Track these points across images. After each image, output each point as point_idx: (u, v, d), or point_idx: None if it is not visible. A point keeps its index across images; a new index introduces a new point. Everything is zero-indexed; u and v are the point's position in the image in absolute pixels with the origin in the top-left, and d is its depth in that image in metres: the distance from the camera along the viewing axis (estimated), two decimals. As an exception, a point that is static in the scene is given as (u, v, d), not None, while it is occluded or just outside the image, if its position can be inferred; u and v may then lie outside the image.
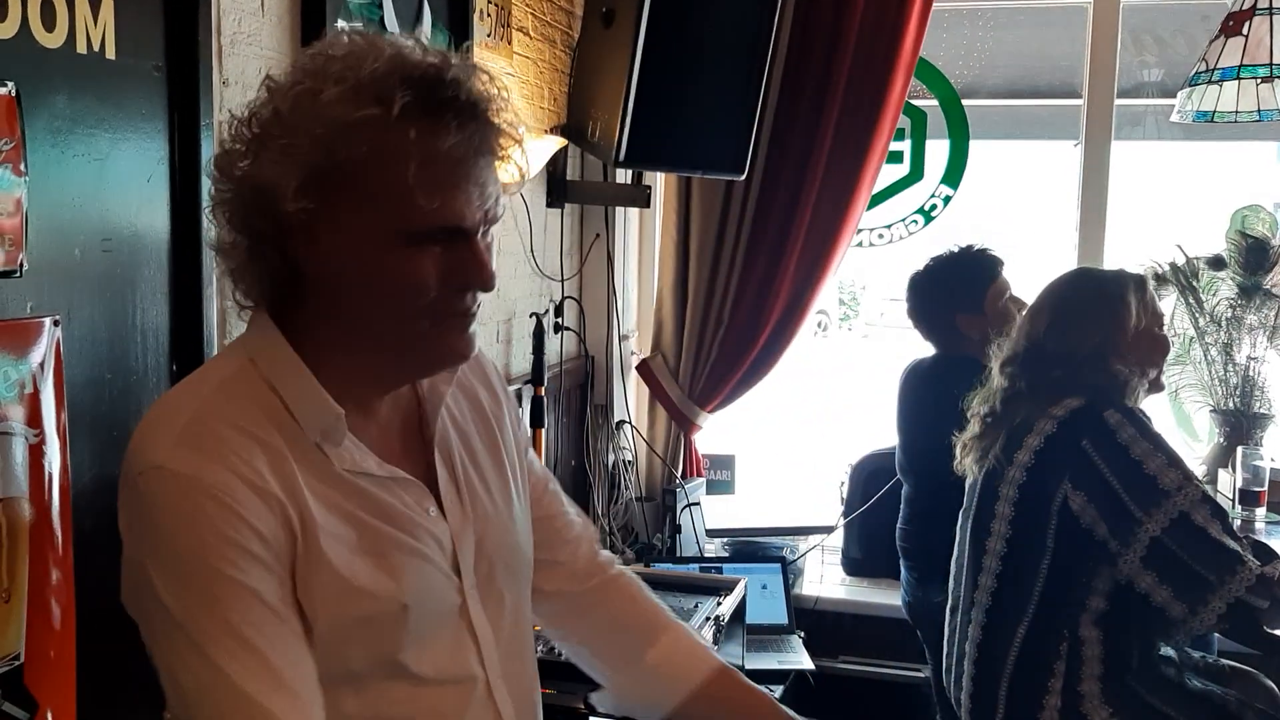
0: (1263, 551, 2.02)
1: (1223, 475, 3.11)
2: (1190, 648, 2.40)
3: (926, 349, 2.97)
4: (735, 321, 3.41)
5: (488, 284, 1.10)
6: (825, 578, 3.52)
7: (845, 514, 3.50)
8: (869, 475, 3.46)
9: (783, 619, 3.32)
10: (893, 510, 3.12)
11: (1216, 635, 2.73)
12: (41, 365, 1.59)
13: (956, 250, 2.91)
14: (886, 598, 3.29)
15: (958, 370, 2.83)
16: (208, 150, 1.88)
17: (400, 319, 1.09)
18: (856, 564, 3.53)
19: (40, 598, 1.60)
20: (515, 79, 3.06)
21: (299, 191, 1.03)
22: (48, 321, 1.61)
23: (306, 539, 1.06)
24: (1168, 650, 2.23)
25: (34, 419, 1.58)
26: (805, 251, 3.36)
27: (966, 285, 2.84)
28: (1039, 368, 2.13)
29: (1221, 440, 3.20)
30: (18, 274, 1.57)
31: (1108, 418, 2.01)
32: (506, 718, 1.19)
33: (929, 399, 2.89)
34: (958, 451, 2.25)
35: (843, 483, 3.56)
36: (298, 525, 1.06)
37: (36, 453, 1.59)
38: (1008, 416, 2.15)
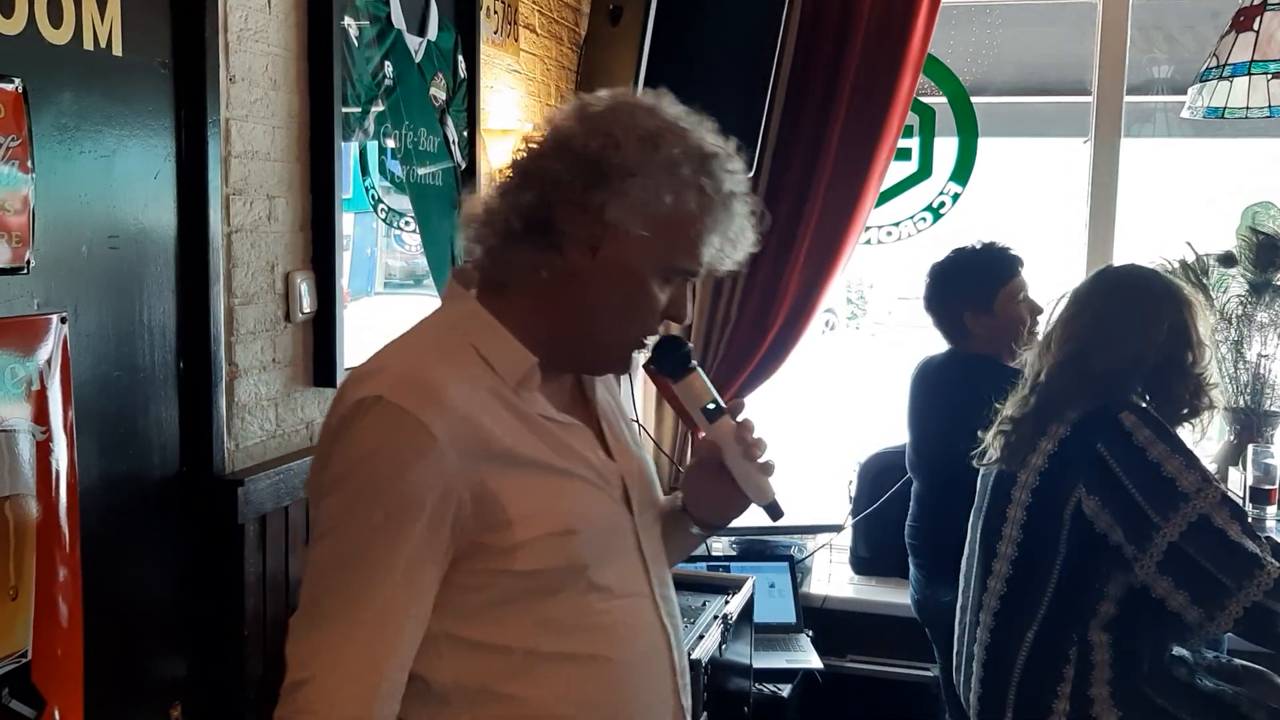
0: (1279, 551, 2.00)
1: (1233, 473, 3.09)
2: (1203, 646, 2.39)
3: (934, 347, 2.96)
4: (742, 320, 3.40)
5: (687, 319, 1.36)
6: (833, 576, 3.51)
7: (854, 512, 3.49)
8: (877, 473, 3.45)
9: (791, 618, 3.31)
10: (901, 509, 3.10)
11: (1229, 634, 2.72)
12: (49, 362, 1.59)
13: (978, 246, 2.89)
14: (895, 596, 3.28)
15: (969, 368, 2.82)
16: (214, 147, 1.88)
17: (622, 331, 1.30)
18: (865, 563, 3.51)
19: (47, 595, 1.59)
20: (522, 76, 3.06)
21: (625, 217, 1.22)
22: (55, 319, 1.61)
23: (505, 471, 1.21)
24: (1179, 650, 2.21)
25: (41, 416, 1.58)
26: (813, 249, 3.35)
27: (979, 283, 2.82)
28: (1078, 374, 2.08)
29: (1232, 438, 3.18)
30: (25, 271, 1.57)
31: (1123, 419, 1.97)
32: (669, 630, 1.36)
33: (940, 396, 2.88)
34: (987, 446, 2.20)
35: (851, 481, 3.55)
36: (497, 459, 1.21)
37: (44, 450, 1.59)
38: (1031, 418, 2.11)
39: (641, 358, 1.39)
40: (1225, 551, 1.89)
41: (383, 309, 2.54)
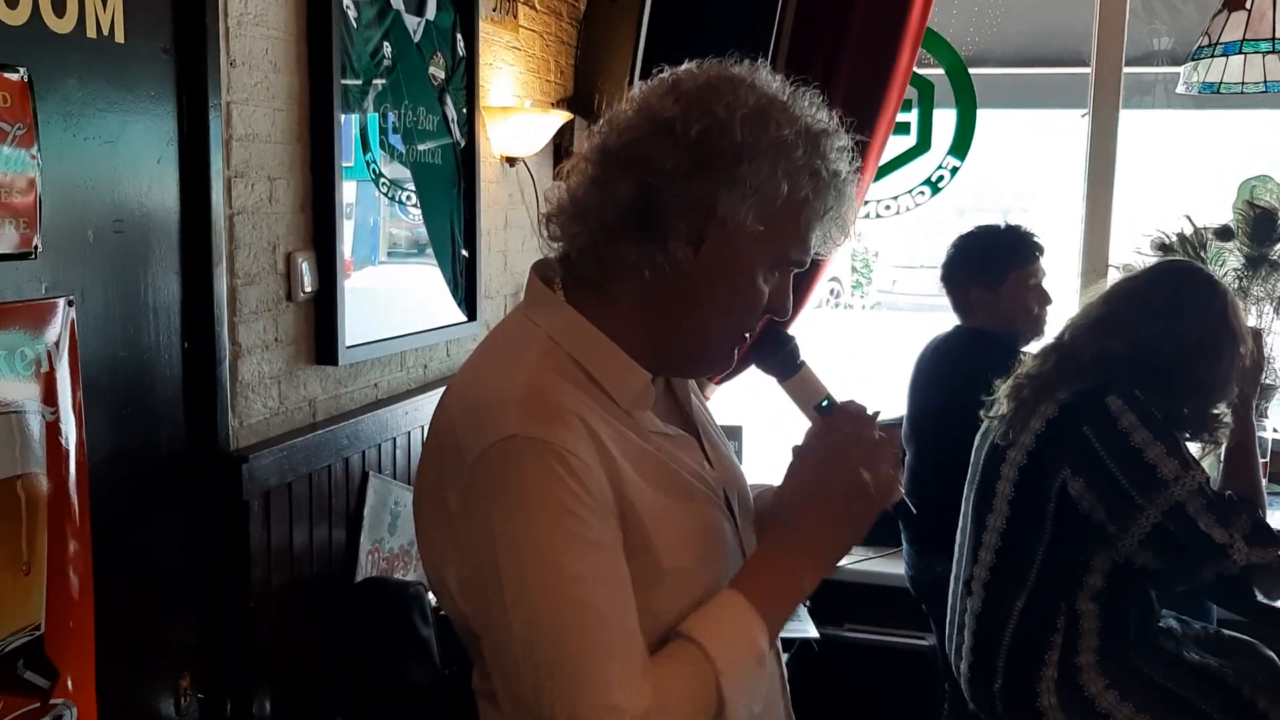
0: (1262, 533, 2.02)
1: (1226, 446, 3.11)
2: (1190, 617, 2.43)
3: (936, 318, 2.98)
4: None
5: (789, 313, 1.23)
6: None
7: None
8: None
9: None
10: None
11: (1215, 606, 2.76)
12: (57, 344, 1.63)
13: (1002, 227, 2.90)
14: (892, 567, 3.32)
15: (971, 344, 2.84)
16: (216, 131, 1.91)
17: (726, 330, 1.19)
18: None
19: (59, 570, 1.64)
20: (521, 53, 3.07)
21: (736, 207, 1.11)
22: (62, 302, 1.65)
23: (627, 494, 1.12)
24: (1168, 621, 2.25)
25: (50, 397, 1.62)
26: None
27: (991, 261, 2.83)
28: (1114, 345, 2.08)
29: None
30: (33, 255, 1.60)
31: (1109, 404, 2.01)
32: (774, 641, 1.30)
33: (940, 369, 2.90)
34: (999, 400, 2.23)
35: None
36: (620, 481, 1.12)
37: (53, 430, 1.63)
38: (1045, 378, 2.13)
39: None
40: (1198, 539, 1.96)
41: (387, 278, 2.56)
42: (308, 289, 2.18)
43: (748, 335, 1.21)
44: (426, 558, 1.18)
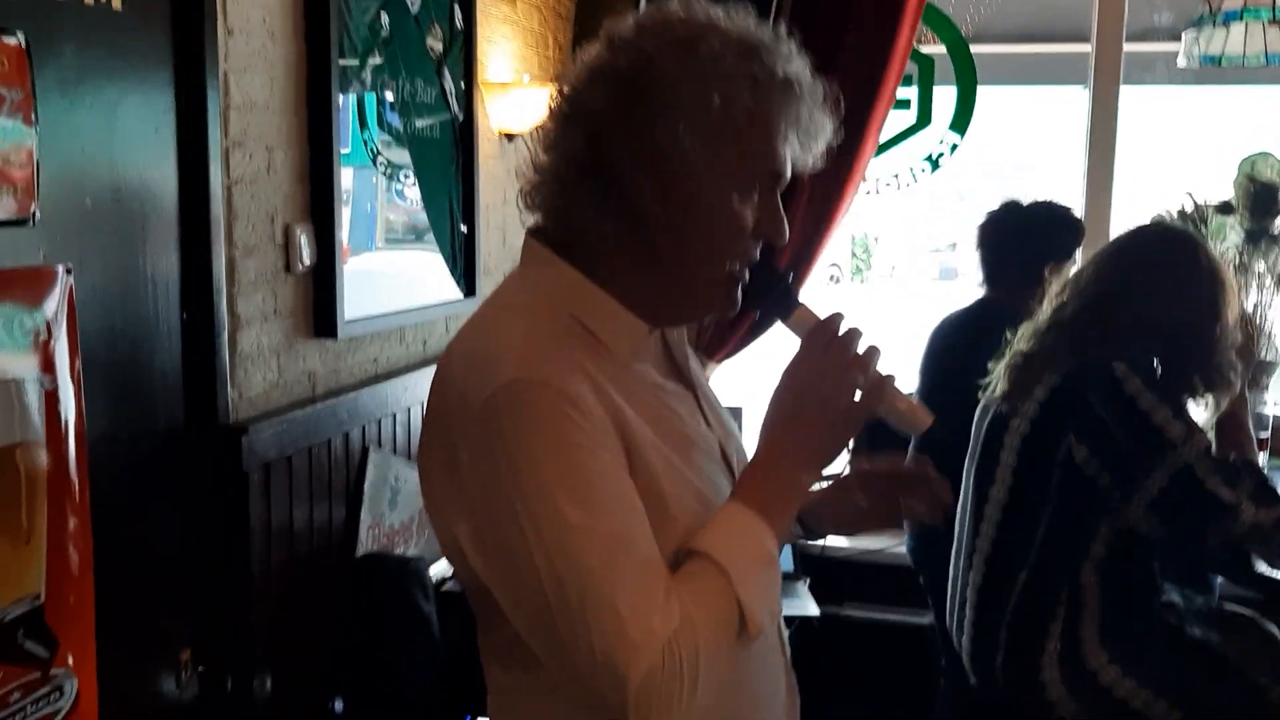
0: (1268, 492, 2.03)
1: (1228, 421, 3.11)
2: (1192, 591, 2.43)
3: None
4: (742, 271, 3.40)
5: (785, 237, 1.19)
6: (832, 525, 3.54)
7: (851, 460, 3.51)
8: (876, 423, 3.46)
9: (789, 565, 3.35)
10: (899, 454, 3.12)
11: (1219, 580, 2.76)
12: (55, 313, 1.62)
13: (1058, 205, 2.89)
14: (893, 544, 3.32)
15: (990, 319, 2.82)
16: (213, 99, 1.90)
17: (713, 266, 1.16)
18: (863, 511, 3.55)
19: (59, 540, 1.63)
20: (519, 26, 3.05)
21: (677, 133, 1.10)
22: (60, 269, 1.63)
23: (632, 438, 1.13)
24: (1170, 595, 2.24)
25: (48, 366, 1.61)
26: (812, 200, 3.34)
27: (1049, 240, 2.80)
28: (1107, 315, 2.08)
29: (1228, 388, 3.20)
30: (30, 223, 1.59)
31: (1115, 369, 1.99)
32: None
33: (956, 346, 2.87)
34: (996, 379, 2.22)
35: (850, 431, 3.58)
36: (624, 424, 1.12)
37: (51, 399, 1.62)
38: (1044, 354, 2.13)
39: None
40: (1207, 501, 1.94)
41: (384, 264, 2.55)
42: (306, 261, 2.17)
43: (745, 272, 1.19)
44: (437, 518, 1.18)
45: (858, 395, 1.17)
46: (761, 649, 1.29)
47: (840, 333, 1.17)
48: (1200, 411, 2.12)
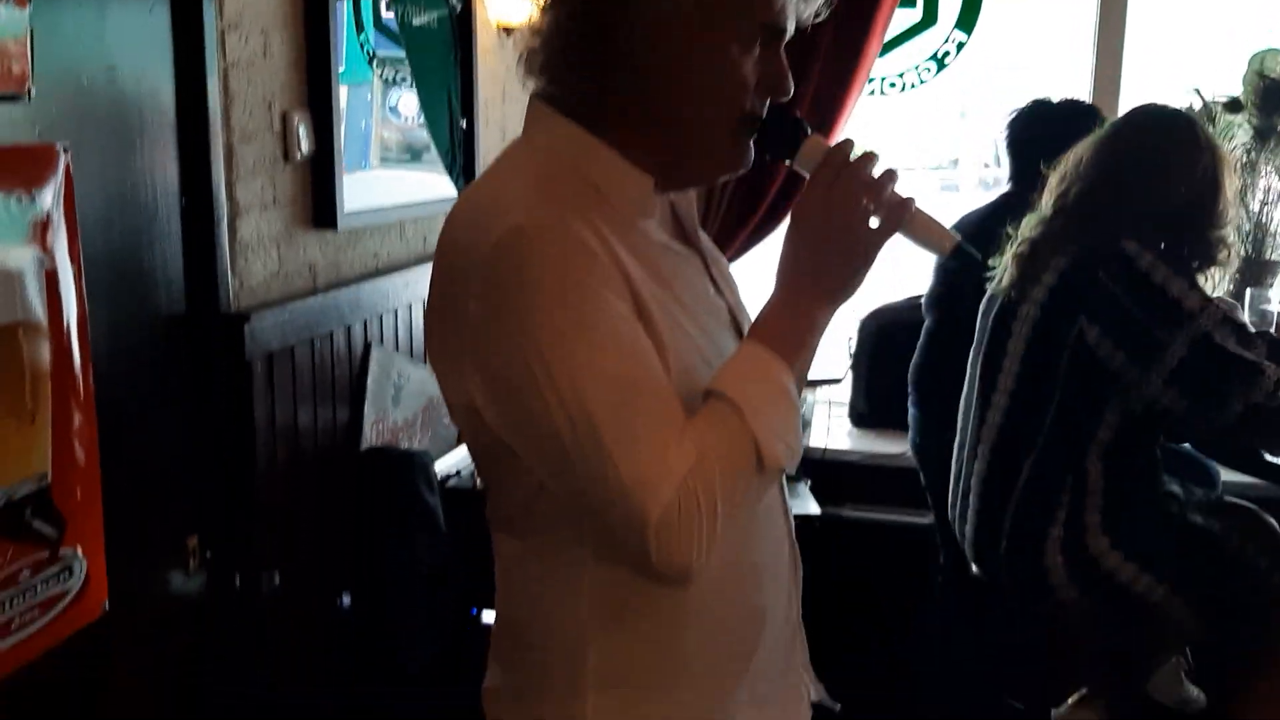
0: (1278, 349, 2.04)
1: (1231, 321, 3.10)
2: (1194, 484, 2.44)
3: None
4: (744, 175, 3.37)
5: (790, 91, 1.17)
6: (832, 429, 3.55)
7: (853, 367, 3.52)
8: (878, 329, 3.47)
9: (790, 514, 3.35)
10: (902, 363, 3.13)
11: (1222, 477, 2.77)
12: (52, 190, 1.59)
13: (1088, 105, 2.85)
14: (893, 447, 3.33)
15: (1013, 215, 2.80)
16: (207, -22, 1.85)
17: (714, 118, 1.15)
18: (863, 417, 3.55)
19: (64, 421, 1.63)
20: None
21: None
22: (58, 147, 1.61)
23: (639, 292, 1.12)
24: (1171, 487, 2.26)
25: (47, 244, 1.59)
26: (816, 102, 3.29)
27: (1069, 144, 2.76)
28: (1107, 200, 2.07)
29: (1230, 288, 3.19)
30: (26, 99, 1.56)
31: (1125, 247, 1.98)
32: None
33: (976, 241, 2.83)
34: (1002, 270, 2.21)
35: (850, 338, 3.57)
36: (630, 278, 1.11)
37: (51, 279, 1.60)
38: (1049, 241, 2.11)
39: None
40: (1229, 364, 1.93)
41: (379, 184, 2.50)
42: (304, 149, 2.13)
43: (754, 128, 1.17)
44: (448, 380, 1.16)
45: (875, 222, 1.14)
46: (765, 513, 1.30)
47: (852, 159, 1.14)
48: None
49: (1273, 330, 2.93)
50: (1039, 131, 2.81)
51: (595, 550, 1.19)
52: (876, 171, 1.14)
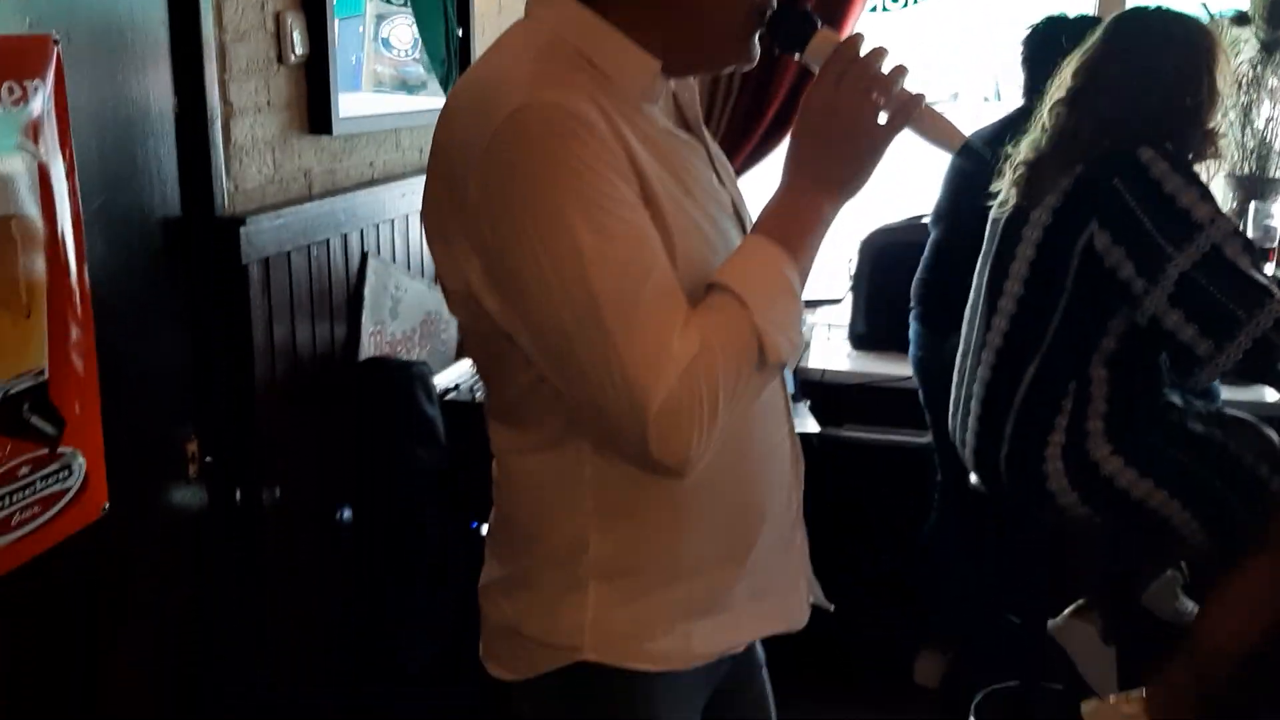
0: None
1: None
2: (1194, 396, 2.44)
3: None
4: (744, 91, 3.33)
5: None
6: (832, 351, 3.55)
7: (854, 288, 3.50)
8: (878, 250, 3.44)
9: (790, 388, 3.35)
10: (902, 284, 3.11)
11: (1221, 390, 2.77)
12: (43, 82, 1.56)
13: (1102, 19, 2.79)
14: (892, 369, 3.32)
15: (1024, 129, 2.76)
16: None
17: (724, 4, 1.14)
18: (863, 339, 3.54)
19: (60, 317, 1.61)
20: None
21: None
22: (48, 38, 1.58)
23: (645, 175, 1.10)
24: (1172, 397, 2.25)
25: (39, 138, 1.57)
26: (823, 3, 3.23)
27: None
28: (1102, 111, 2.05)
29: (1234, 205, 3.17)
30: (14, -10, 1.53)
31: (1140, 154, 1.96)
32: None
33: (991, 156, 2.79)
34: (1005, 194, 2.19)
35: (851, 259, 3.55)
36: (636, 161, 1.10)
37: (44, 173, 1.58)
38: (1049, 157, 2.09)
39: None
40: (1236, 282, 1.89)
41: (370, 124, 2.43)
42: (299, 52, 2.10)
43: (763, 17, 1.16)
44: (446, 265, 1.15)
45: (884, 117, 1.13)
46: (766, 409, 1.29)
47: (862, 53, 1.13)
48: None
49: (1275, 244, 2.92)
50: (1054, 46, 2.77)
51: (594, 443, 1.18)
52: (886, 67, 1.13)
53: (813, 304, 3.61)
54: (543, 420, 1.20)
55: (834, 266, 3.66)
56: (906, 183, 2.97)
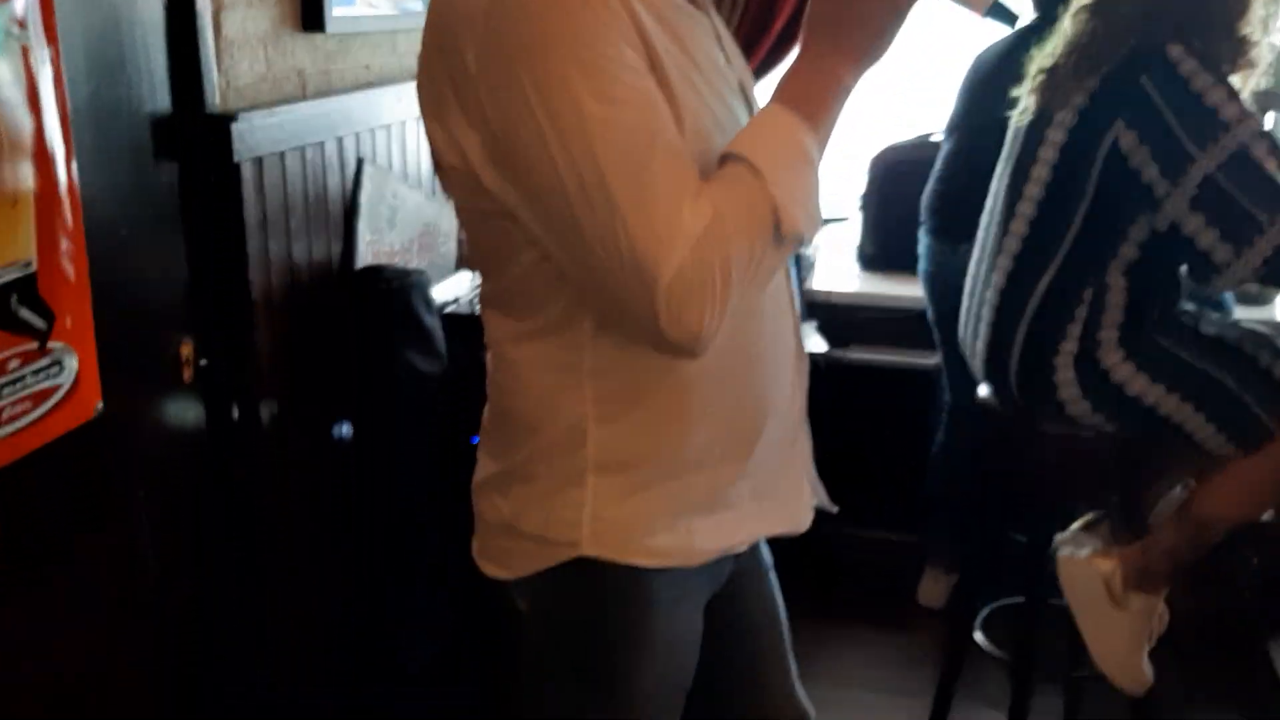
0: None
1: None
2: (1208, 308, 2.40)
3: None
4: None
5: None
6: (839, 272, 3.50)
7: (863, 207, 3.45)
8: (886, 169, 3.39)
9: (796, 308, 3.32)
10: (911, 203, 3.07)
11: (1235, 305, 2.72)
12: (23, -40, 1.51)
13: None
14: (901, 290, 3.28)
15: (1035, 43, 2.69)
16: None
17: None
18: (871, 260, 3.50)
19: (48, 209, 1.57)
20: None
21: None
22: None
23: (652, 45, 1.07)
24: (1186, 306, 2.21)
25: (21, 22, 1.51)
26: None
27: None
28: (1126, 14, 1.99)
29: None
30: None
31: (1169, 50, 1.90)
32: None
33: (1005, 72, 2.73)
34: (1026, 103, 2.13)
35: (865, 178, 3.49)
36: (644, 30, 1.07)
37: (25, 55, 1.53)
38: (1070, 62, 2.03)
39: None
40: (1260, 185, 1.84)
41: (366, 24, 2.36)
42: (290, -57, 2.03)
43: None
44: (443, 142, 1.11)
45: None
46: (771, 302, 1.25)
47: None
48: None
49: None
50: None
51: (599, 324, 1.14)
52: None
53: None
54: (542, 305, 1.17)
55: (840, 185, 3.60)
56: (913, 102, 2.92)
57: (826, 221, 3.53)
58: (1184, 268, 2.09)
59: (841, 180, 3.63)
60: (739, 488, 1.26)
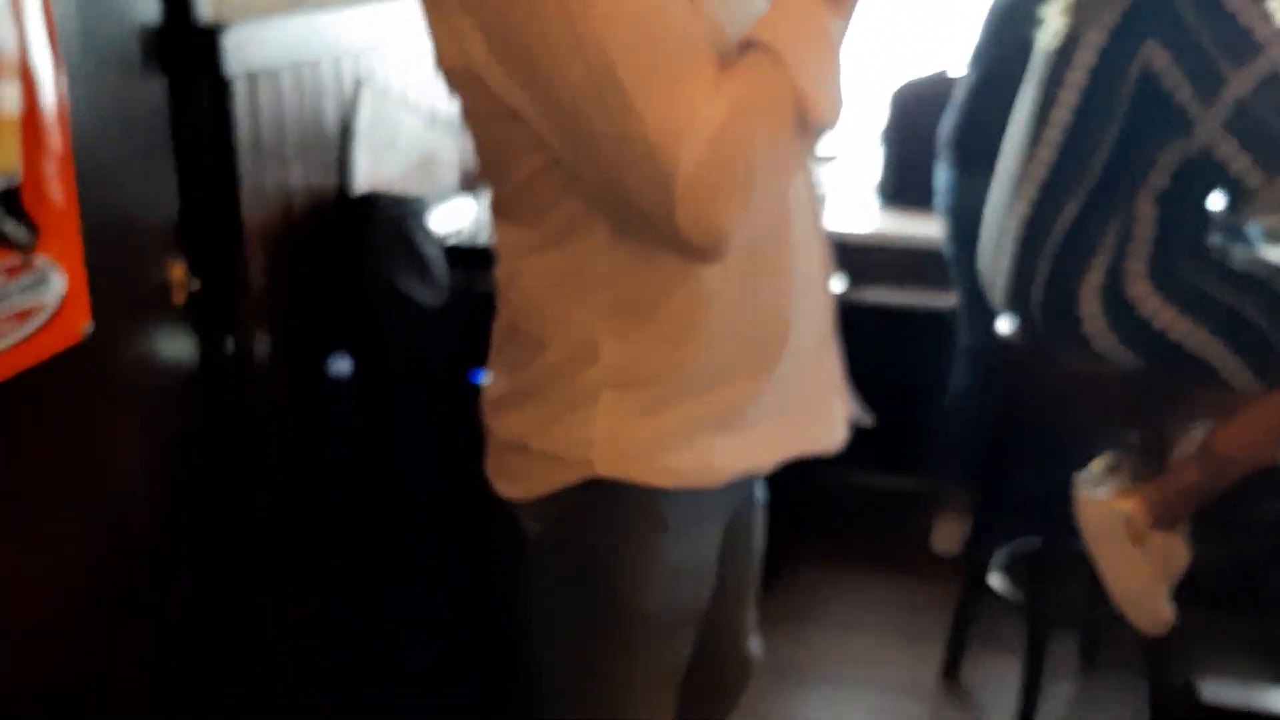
0: None
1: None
2: (1235, 243, 2.34)
3: None
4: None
5: None
6: (856, 209, 3.41)
7: (883, 143, 3.36)
8: (905, 104, 3.30)
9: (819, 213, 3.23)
10: (930, 139, 2.99)
11: (1262, 241, 2.65)
12: None
13: None
14: (918, 229, 3.20)
15: None
16: None
17: None
18: (890, 196, 3.41)
19: (32, 119, 1.50)
20: None
21: None
22: None
23: None
24: (1213, 240, 2.15)
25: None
26: None
27: None
28: None
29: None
30: None
31: None
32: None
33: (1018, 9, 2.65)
34: (1053, 26, 2.06)
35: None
36: None
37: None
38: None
39: None
40: None
41: None
42: None
43: None
44: (444, 39, 1.06)
45: None
46: (793, 207, 1.19)
47: None
48: None
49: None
50: None
51: (611, 230, 1.08)
52: None
53: (829, 159, 3.49)
54: (552, 211, 1.11)
55: (855, 120, 3.51)
56: (933, 36, 2.84)
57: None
58: (1212, 199, 2.03)
59: (854, 117, 3.54)
60: (762, 404, 1.20)
